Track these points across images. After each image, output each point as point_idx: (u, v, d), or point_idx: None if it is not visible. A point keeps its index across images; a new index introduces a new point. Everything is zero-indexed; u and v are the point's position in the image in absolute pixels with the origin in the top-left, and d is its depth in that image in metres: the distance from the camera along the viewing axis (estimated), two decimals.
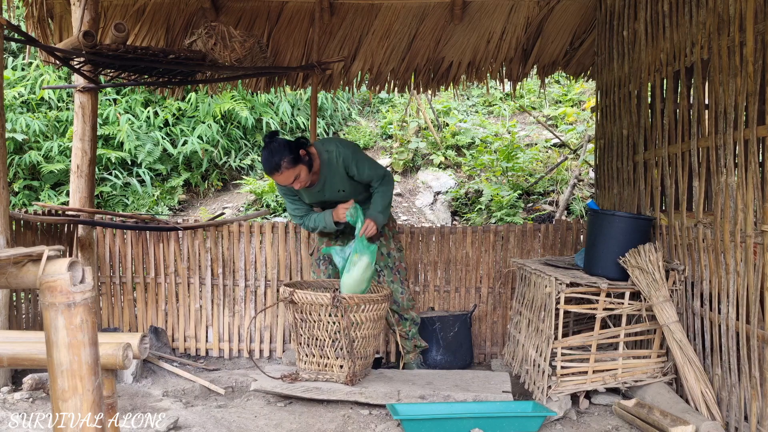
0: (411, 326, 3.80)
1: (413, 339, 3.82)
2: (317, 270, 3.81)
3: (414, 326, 3.81)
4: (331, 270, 3.77)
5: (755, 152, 2.49)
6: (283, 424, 2.95)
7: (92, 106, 4.24)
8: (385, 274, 3.73)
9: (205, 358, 4.26)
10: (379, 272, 3.72)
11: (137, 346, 1.82)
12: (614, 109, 3.96)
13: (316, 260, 3.83)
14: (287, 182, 3.42)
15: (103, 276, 4.27)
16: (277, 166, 3.35)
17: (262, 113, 7.83)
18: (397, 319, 3.78)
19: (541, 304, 3.28)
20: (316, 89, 4.59)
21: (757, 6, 2.50)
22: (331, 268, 3.77)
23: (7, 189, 3.16)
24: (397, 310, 3.75)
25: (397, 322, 3.78)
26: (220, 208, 7.04)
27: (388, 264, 3.74)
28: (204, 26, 4.05)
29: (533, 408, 2.97)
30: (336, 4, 4.72)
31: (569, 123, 8.00)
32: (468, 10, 4.73)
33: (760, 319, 2.48)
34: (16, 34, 3.90)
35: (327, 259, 3.77)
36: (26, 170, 6.78)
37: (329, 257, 3.74)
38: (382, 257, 3.72)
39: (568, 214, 6.34)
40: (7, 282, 1.43)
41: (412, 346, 3.82)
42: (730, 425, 2.68)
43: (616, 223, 3.30)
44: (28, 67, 7.23)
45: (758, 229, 2.47)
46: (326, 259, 3.77)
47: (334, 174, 3.53)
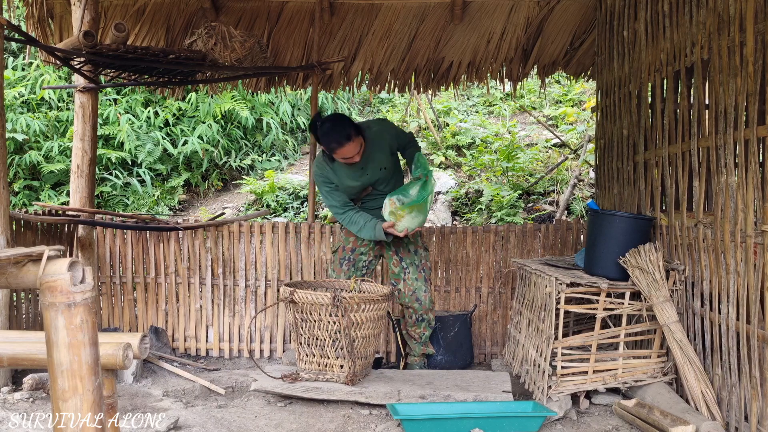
0: (426, 329, 3.72)
1: (424, 345, 3.76)
2: (338, 269, 3.70)
3: (429, 329, 3.73)
4: (353, 272, 3.69)
5: (755, 152, 2.49)
6: (283, 424, 2.95)
7: (92, 106, 4.25)
8: (410, 272, 3.66)
9: (205, 358, 4.26)
10: (405, 269, 3.66)
11: (137, 346, 1.82)
12: (614, 109, 3.95)
13: (340, 259, 3.71)
14: (353, 153, 3.36)
15: (104, 276, 4.27)
16: (348, 136, 3.31)
17: (262, 113, 7.83)
18: (414, 319, 3.69)
19: (542, 304, 3.28)
20: (316, 89, 4.59)
21: (757, 6, 2.49)
22: (353, 269, 3.69)
23: (7, 189, 3.16)
24: (418, 308, 3.67)
25: (414, 323, 3.70)
26: (220, 208, 7.04)
27: (414, 261, 3.67)
28: (204, 26, 4.05)
29: (533, 408, 2.97)
30: (336, 4, 4.72)
31: (569, 123, 8.00)
32: (468, 10, 4.74)
33: (760, 319, 2.48)
34: (16, 34, 3.90)
35: (351, 260, 3.69)
36: (26, 170, 6.79)
37: (354, 259, 3.69)
38: (408, 253, 3.67)
39: (569, 214, 6.34)
40: (7, 282, 1.43)
41: (420, 350, 3.76)
42: (731, 425, 2.68)
43: (616, 223, 3.30)
44: (28, 67, 7.24)
45: (758, 229, 2.47)
46: (350, 260, 3.70)
47: (378, 150, 3.53)
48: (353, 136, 3.34)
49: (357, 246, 3.69)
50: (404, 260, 3.67)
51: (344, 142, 3.33)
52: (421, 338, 3.73)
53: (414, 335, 3.73)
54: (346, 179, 3.57)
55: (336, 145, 3.35)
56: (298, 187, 7.05)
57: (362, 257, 3.71)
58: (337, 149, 3.36)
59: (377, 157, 3.55)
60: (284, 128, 8.14)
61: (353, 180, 3.57)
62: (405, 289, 3.67)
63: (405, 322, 3.75)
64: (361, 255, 3.71)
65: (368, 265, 3.74)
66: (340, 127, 3.34)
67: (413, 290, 3.66)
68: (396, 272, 3.69)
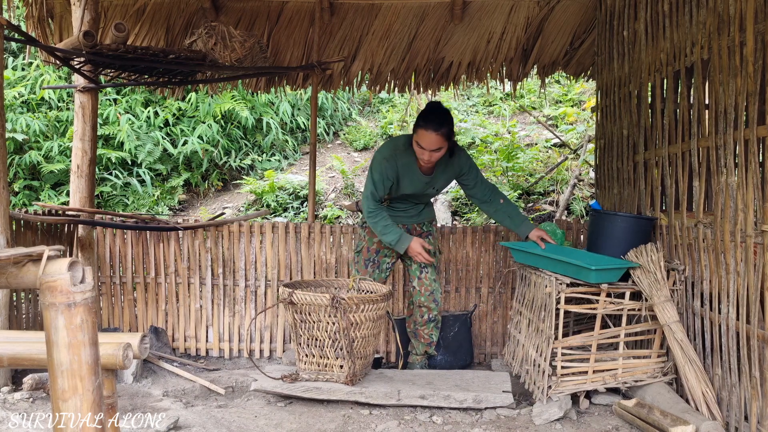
0: (434, 329, 3.72)
1: (428, 345, 3.75)
2: (362, 270, 3.67)
3: (436, 331, 3.73)
4: (377, 274, 3.67)
5: (755, 152, 2.49)
6: (283, 424, 2.95)
7: (92, 106, 4.25)
8: (429, 272, 3.65)
9: (205, 358, 4.26)
10: (423, 268, 3.64)
11: (137, 346, 1.82)
12: (614, 109, 3.95)
13: (365, 260, 3.67)
14: (430, 146, 3.24)
15: (103, 276, 4.27)
16: (440, 126, 3.21)
17: (262, 113, 7.83)
18: (426, 319, 3.68)
19: (542, 304, 3.28)
20: (316, 89, 4.58)
21: (757, 6, 2.49)
22: (377, 272, 3.67)
23: (7, 189, 3.16)
24: (433, 309, 3.67)
25: (425, 322, 3.69)
26: (220, 208, 7.04)
27: (434, 263, 3.67)
28: (204, 26, 4.05)
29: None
30: (336, 4, 4.72)
31: (569, 123, 8.00)
32: (468, 10, 4.74)
33: (760, 319, 2.48)
34: (16, 34, 3.90)
35: (376, 262, 3.67)
36: (26, 170, 6.78)
37: (379, 261, 3.65)
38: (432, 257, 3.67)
39: (569, 214, 6.34)
40: (7, 282, 1.43)
41: (423, 349, 3.76)
42: (731, 425, 2.68)
43: (617, 223, 3.30)
44: (28, 67, 7.23)
45: (758, 229, 2.47)
46: (375, 262, 3.67)
47: (445, 172, 3.51)
48: (441, 133, 3.23)
49: (381, 248, 3.67)
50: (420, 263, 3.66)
51: (430, 129, 3.21)
52: (430, 338, 3.73)
53: (423, 335, 3.73)
54: (406, 181, 3.47)
55: (422, 125, 3.23)
56: (298, 187, 7.05)
57: (386, 259, 3.70)
58: (420, 130, 3.24)
59: (440, 177, 3.53)
60: (284, 128, 8.14)
61: (412, 186, 3.50)
62: (422, 289, 3.66)
63: (414, 320, 3.74)
64: (385, 257, 3.70)
65: (390, 267, 3.74)
66: (439, 117, 3.24)
67: (431, 291, 3.65)
68: (413, 269, 3.68)
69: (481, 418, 3.04)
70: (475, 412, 3.10)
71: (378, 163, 3.45)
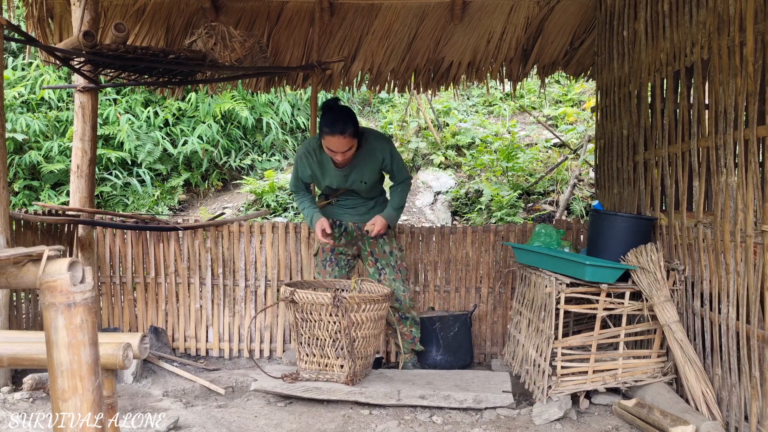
0: (412, 325, 3.79)
1: (412, 342, 3.81)
2: (322, 271, 3.77)
3: (415, 326, 3.80)
4: (337, 272, 3.75)
5: (755, 152, 2.49)
6: (283, 424, 2.95)
7: (92, 106, 4.24)
8: (387, 273, 3.71)
9: (205, 358, 4.26)
10: (381, 270, 3.71)
11: (137, 346, 1.82)
12: (614, 109, 3.95)
13: (322, 261, 3.78)
14: (340, 149, 3.37)
15: (103, 276, 4.27)
16: (343, 130, 3.31)
17: (262, 113, 7.83)
18: (398, 318, 3.77)
19: (542, 304, 3.28)
20: (316, 89, 4.58)
21: (757, 6, 2.49)
22: (337, 269, 3.75)
23: (7, 189, 3.16)
24: (399, 308, 3.74)
25: (398, 321, 3.78)
26: (220, 208, 7.04)
27: (390, 262, 3.72)
28: (204, 26, 4.05)
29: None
30: (336, 4, 4.72)
31: (569, 123, 8.00)
32: (468, 10, 4.73)
33: (760, 319, 2.48)
34: (16, 34, 3.90)
35: (332, 260, 3.75)
36: (26, 170, 6.78)
37: (335, 258, 3.74)
38: (384, 255, 3.71)
39: (569, 214, 6.34)
40: (7, 282, 1.43)
41: (409, 348, 3.82)
42: (730, 425, 2.68)
43: (618, 223, 3.30)
44: (28, 67, 7.23)
45: (758, 229, 2.47)
46: (332, 261, 3.75)
47: (367, 163, 3.54)
48: (348, 134, 3.33)
49: (335, 245, 3.72)
50: (380, 261, 3.71)
51: (336, 133, 3.32)
52: (412, 335, 3.79)
53: (404, 333, 3.80)
54: (325, 174, 3.61)
55: (328, 132, 3.34)
56: None
57: (342, 256, 3.76)
58: (327, 137, 3.36)
59: (363, 169, 3.56)
60: (284, 128, 8.14)
61: (331, 179, 3.61)
62: None
63: (390, 322, 3.81)
64: (341, 254, 3.75)
65: (349, 263, 3.79)
66: (342, 119, 3.34)
67: (392, 290, 3.68)
68: (371, 273, 3.74)
69: (481, 418, 3.04)
70: (475, 412, 3.10)
71: (299, 156, 3.67)
